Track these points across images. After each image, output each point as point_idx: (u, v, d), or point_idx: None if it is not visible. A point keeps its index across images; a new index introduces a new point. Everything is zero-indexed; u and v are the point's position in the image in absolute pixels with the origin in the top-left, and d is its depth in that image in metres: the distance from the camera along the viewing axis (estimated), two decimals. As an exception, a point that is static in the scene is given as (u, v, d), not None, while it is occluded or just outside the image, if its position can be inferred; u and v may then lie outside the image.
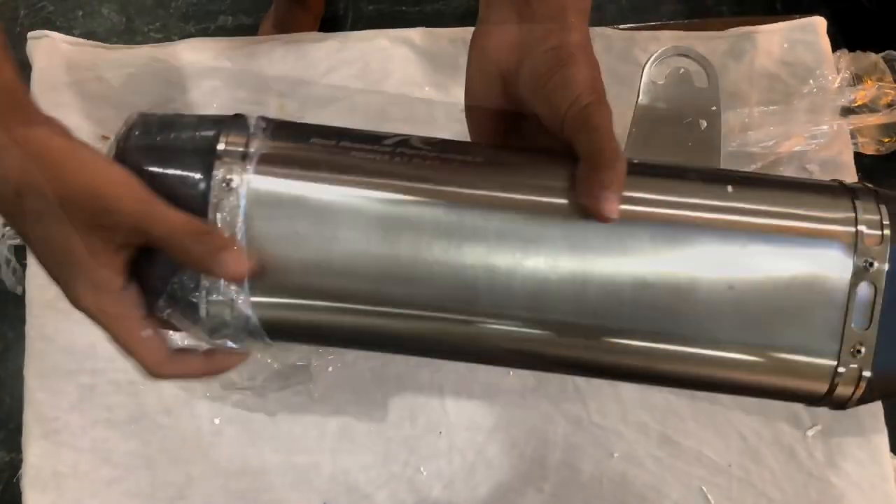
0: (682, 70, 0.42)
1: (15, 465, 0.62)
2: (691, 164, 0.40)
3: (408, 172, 0.37)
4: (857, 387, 0.37)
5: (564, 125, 0.38)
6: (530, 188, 0.37)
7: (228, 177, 0.36)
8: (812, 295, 0.36)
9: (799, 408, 0.63)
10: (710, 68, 0.42)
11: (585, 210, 0.35)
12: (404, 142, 0.38)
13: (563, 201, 0.36)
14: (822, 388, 0.37)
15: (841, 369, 0.36)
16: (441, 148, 0.38)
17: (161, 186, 0.36)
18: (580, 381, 0.63)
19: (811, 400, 0.38)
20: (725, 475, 0.62)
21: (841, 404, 0.38)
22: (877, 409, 0.62)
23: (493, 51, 0.41)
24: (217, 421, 0.61)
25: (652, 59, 0.42)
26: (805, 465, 0.62)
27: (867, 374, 0.36)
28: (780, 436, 0.62)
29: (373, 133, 0.39)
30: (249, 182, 0.36)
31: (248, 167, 0.36)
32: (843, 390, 0.37)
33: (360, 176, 0.37)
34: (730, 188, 0.37)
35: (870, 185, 0.38)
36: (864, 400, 0.37)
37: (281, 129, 0.39)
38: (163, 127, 0.38)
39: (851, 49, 0.69)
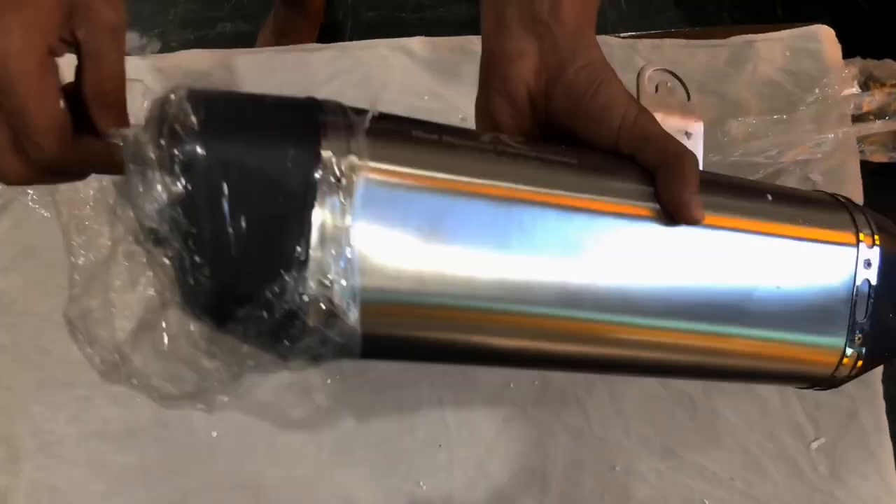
0: (669, 84, 0.45)
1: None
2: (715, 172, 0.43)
3: (518, 173, 0.36)
4: (854, 367, 0.43)
5: (620, 141, 0.39)
6: (625, 195, 0.38)
7: (338, 168, 0.32)
8: (830, 291, 0.42)
9: (803, 420, 0.62)
10: (686, 87, 0.46)
11: (670, 215, 0.37)
12: (497, 139, 0.38)
13: (649, 206, 0.38)
14: (830, 370, 0.43)
15: (848, 351, 0.42)
16: (534, 147, 0.38)
17: (243, 181, 0.30)
18: (581, 392, 0.62)
19: (815, 381, 0.45)
20: (728, 488, 0.61)
21: (836, 383, 0.44)
22: (882, 423, 0.62)
23: (518, 76, 0.41)
24: (214, 434, 0.60)
25: (641, 73, 0.46)
26: (809, 479, 0.61)
27: (865, 354, 0.42)
28: (783, 448, 0.62)
29: (462, 128, 0.38)
30: (361, 176, 0.32)
31: (356, 159, 0.32)
32: (843, 370, 0.43)
33: (475, 173, 0.35)
34: (769, 197, 0.41)
35: (848, 198, 0.46)
36: (850, 378, 0.44)
37: (377, 119, 0.35)
38: (234, 107, 0.33)
39: (851, 53, 0.69)
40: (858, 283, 0.42)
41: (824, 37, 0.70)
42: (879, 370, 0.63)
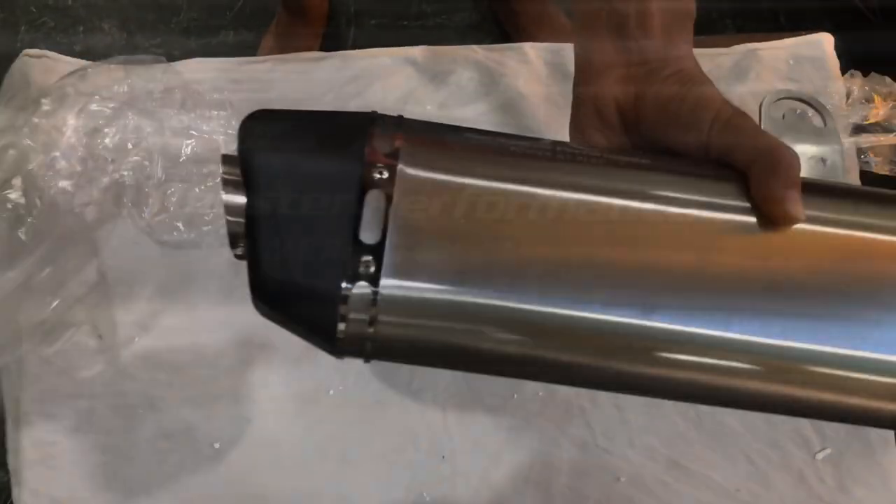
0: (799, 111, 0.43)
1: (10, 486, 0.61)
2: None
3: (575, 175, 0.35)
4: None
5: (711, 142, 0.37)
6: (704, 202, 0.35)
7: (379, 169, 0.33)
8: None
9: (808, 431, 0.62)
10: (823, 111, 0.42)
11: (766, 216, 0.34)
12: (558, 143, 0.36)
13: (737, 213, 0.35)
14: None
15: None
16: (600, 151, 0.37)
17: (297, 183, 0.33)
18: (586, 403, 0.62)
19: None
20: (733, 500, 0.61)
21: None
22: (888, 433, 0.61)
23: (606, 88, 0.40)
24: (217, 445, 0.60)
25: (766, 100, 0.43)
26: (815, 490, 0.61)
27: None
28: (789, 459, 0.61)
29: (520, 136, 0.37)
30: (403, 172, 0.33)
31: (400, 159, 0.33)
32: None
33: (531, 171, 0.34)
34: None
35: None
36: None
37: (423, 125, 0.36)
38: (291, 125, 0.35)
39: (855, 61, 0.68)
40: None
41: (828, 45, 0.70)
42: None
